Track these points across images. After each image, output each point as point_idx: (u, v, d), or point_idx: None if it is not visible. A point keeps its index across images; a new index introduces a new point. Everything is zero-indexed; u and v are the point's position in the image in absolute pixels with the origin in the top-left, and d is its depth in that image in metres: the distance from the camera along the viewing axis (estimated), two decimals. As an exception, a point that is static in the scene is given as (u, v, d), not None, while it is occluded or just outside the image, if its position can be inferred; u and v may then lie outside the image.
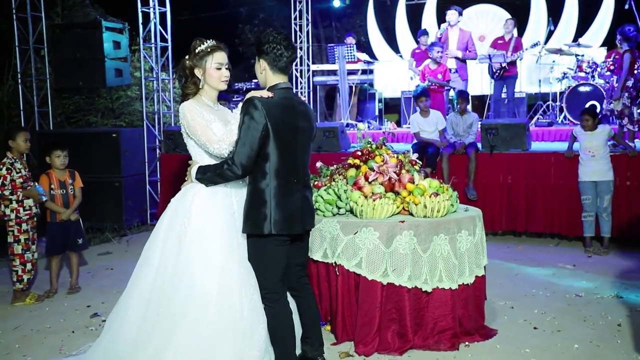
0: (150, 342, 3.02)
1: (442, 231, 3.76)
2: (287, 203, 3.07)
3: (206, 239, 3.07)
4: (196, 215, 3.10)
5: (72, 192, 5.25)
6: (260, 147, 2.99)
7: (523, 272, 5.65)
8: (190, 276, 3.03)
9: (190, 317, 2.99)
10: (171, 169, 8.34)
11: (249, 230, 3.08)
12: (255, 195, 3.06)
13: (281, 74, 3.15)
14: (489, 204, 6.88)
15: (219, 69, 3.17)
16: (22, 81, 8.85)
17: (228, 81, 3.23)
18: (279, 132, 3.01)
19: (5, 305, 5.00)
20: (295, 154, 3.13)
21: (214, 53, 3.15)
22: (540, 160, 6.81)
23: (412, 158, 4.28)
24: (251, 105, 2.98)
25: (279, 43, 3.08)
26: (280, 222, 3.03)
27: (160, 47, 8.76)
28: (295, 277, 3.33)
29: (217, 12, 15.72)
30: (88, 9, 8.45)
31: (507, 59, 9.08)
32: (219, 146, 3.04)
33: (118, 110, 10.65)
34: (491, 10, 12.45)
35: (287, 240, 3.13)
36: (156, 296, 3.09)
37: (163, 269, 3.11)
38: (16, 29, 8.63)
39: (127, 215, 8.16)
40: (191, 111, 3.13)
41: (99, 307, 4.86)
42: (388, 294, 3.72)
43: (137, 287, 3.19)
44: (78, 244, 5.32)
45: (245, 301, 3.04)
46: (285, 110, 3.08)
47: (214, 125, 3.12)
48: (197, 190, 3.16)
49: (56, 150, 5.21)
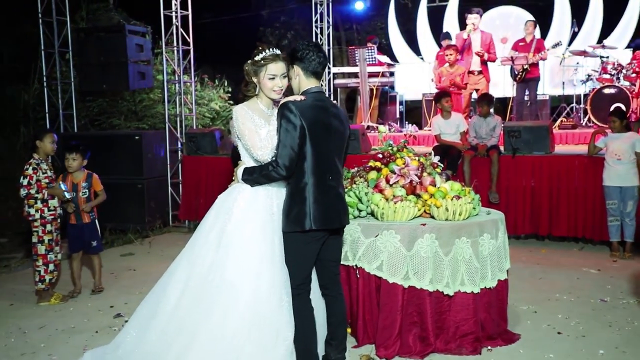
0: (182, 332, 3.15)
1: (464, 234, 3.73)
2: (324, 199, 3.17)
3: (244, 237, 3.18)
4: (237, 214, 3.23)
5: (84, 195, 5.25)
6: (300, 147, 3.11)
7: (546, 276, 5.58)
8: (222, 272, 3.15)
9: (217, 312, 3.09)
10: (193, 171, 8.40)
11: (290, 228, 3.17)
12: (295, 194, 3.17)
13: (314, 79, 3.28)
14: (512, 207, 6.82)
15: (272, 79, 3.26)
16: (47, 84, 8.99)
17: (282, 90, 3.31)
18: (313, 131, 3.14)
19: (30, 305, 5.08)
20: (330, 153, 3.24)
21: (269, 64, 3.24)
22: (564, 163, 6.73)
23: (434, 161, 4.25)
24: (286, 108, 3.11)
25: (311, 49, 3.23)
26: (319, 217, 3.14)
27: (182, 50, 8.83)
28: (329, 274, 3.39)
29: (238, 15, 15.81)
30: (112, 13, 8.58)
31: (529, 61, 8.99)
32: (262, 152, 3.17)
33: (141, 113, 10.76)
34: (513, 12, 12.34)
35: (324, 235, 3.22)
36: (191, 287, 3.23)
37: (201, 261, 3.25)
38: (42, 33, 8.76)
39: (149, 217, 8.24)
40: (242, 115, 3.26)
41: (122, 307, 4.91)
42: (409, 297, 3.70)
43: (174, 276, 3.34)
44: (92, 246, 5.35)
45: (274, 300, 3.11)
46: (318, 110, 3.20)
47: (263, 131, 3.23)
48: (240, 190, 3.29)
49: (66, 153, 5.27)
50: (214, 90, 12.15)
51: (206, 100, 11.71)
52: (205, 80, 12.11)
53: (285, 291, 3.15)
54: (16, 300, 5.25)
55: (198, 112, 9.39)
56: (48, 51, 8.88)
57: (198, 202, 8.24)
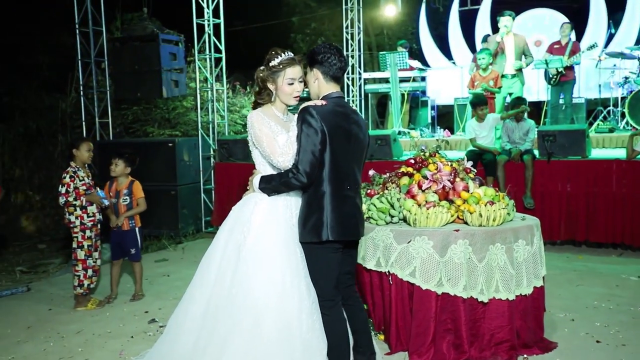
0: (207, 351, 3.05)
1: (499, 240, 3.68)
2: (341, 209, 3.08)
3: (265, 250, 3.07)
4: (256, 225, 3.11)
5: (124, 202, 5.32)
6: (321, 152, 3.01)
7: (584, 283, 5.46)
8: (247, 287, 3.04)
9: (245, 327, 3.00)
10: (225, 177, 8.48)
11: (307, 238, 3.08)
12: (313, 202, 3.07)
13: (334, 83, 3.18)
14: (547, 213, 6.70)
15: (291, 84, 3.17)
16: (84, 93, 9.18)
17: (300, 95, 3.22)
18: (334, 138, 3.04)
19: (68, 310, 5.18)
20: (349, 161, 3.13)
21: (287, 69, 3.14)
22: (601, 167, 6.58)
23: (467, 166, 4.20)
24: (307, 113, 3.02)
25: (332, 53, 3.12)
26: (336, 228, 3.04)
27: (215, 57, 8.93)
28: (344, 285, 3.30)
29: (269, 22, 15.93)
30: (146, 23, 8.70)
31: (564, 64, 8.84)
32: (283, 159, 3.06)
33: (174, 120, 10.91)
34: (547, 14, 12.17)
35: (340, 247, 3.13)
36: (213, 305, 3.12)
37: (221, 278, 3.13)
38: (79, 43, 8.97)
39: (183, 223, 8.34)
40: (259, 121, 3.15)
41: (156, 312, 4.97)
42: (443, 304, 3.66)
43: (194, 296, 3.22)
44: (131, 253, 5.41)
45: (304, 317, 3.01)
46: (339, 116, 3.10)
47: (280, 138, 3.13)
48: (257, 200, 3.17)
49: (112, 159, 5.39)
50: (246, 97, 12.25)
51: (238, 107, 11.81)
52: (237, 87, 12.23)
53: (314, 304, 3.04)
54: (54, 305, 5.37)
55: (230, 118, 9.48)
56: (84, 61, 9.08)
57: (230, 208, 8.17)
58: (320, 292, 3.09)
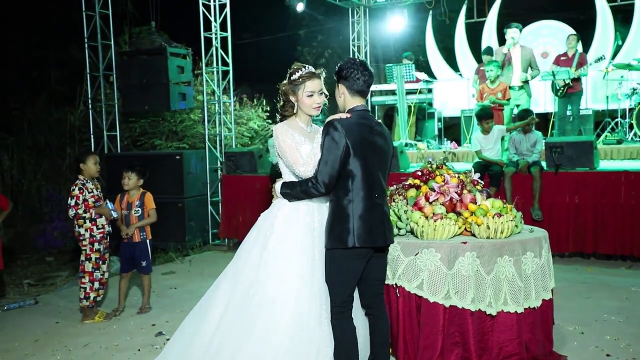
0: (224, 349, 3.19)
1: (506, 253, 3.66)
2: (369, 217, 3.16)
3: (284, 253, 3.23)
4: (278, 229, 3.28)
5: (136, 213, 5.34)
6: (342, 166, 3.12)
7: (593, 296, 5.41)
8: (263, 289, 3.19)
9: (258, 328, 3.12)
10: (232, 189, 8.49)
11: (333, 245, 3.16)
12: (338, 211, 3.17)
13: (359, 97, 3.29)
14: (555, 225, 6.66)
15: (311, 96, 3.32)
16: (92, 106, 9.24)
17: (321, 107, 3.37)
18: (358, 150, 3.14)
19: (75, 323, 5.18)
20: (375, 171, 3.23)
21: (306, 82, 3.30)
22: (610, 179, 6.55)
23: (474, 178, 4.19)
24: (331, 126, 3.14)
25: (356, 68, 3.24)
26: (363, 235, 3.12)
27: (222, 70, 8.97)
28: (373, 293, 3.35)
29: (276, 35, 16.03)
30: (154, 36, 8.76)
31: (572, 75, 8.83)
32: (304, 169, 3.21)
33: (181, 133, 10.96)
34: (553, 25, 12.17)
35: (367, 253, 3.19)
36: (232, 306, 3.27)
37: (244, 278, 3.30)
38: (87, 57, 9.05)
39: (190, 236, 8.34)
40: (283, 133, 3.31)
41: (164, 325, 4.96)
42: (451, 317, 3.64)
43: (215, 298, 3.39)
44: (142, 266, 5.41)
45: (313, 316, 3.14)
46: (363, 129, 3.20)
47: (303, 148, 3.28)
48: (280, 205, 3.34)
49: (123, 172, 5.41)
50: (253, 110, 12.30)
51: (245, 120, 11.86)
52: (244, 99, 12.28)
53: (325, 307, 3.16)
54: (61, 318, 5.37)
55: (237, 131, 9.51)
56: (93, 74, 9.15)
57: (237, 220, 8.32)
58: (334, 297, 3.18)
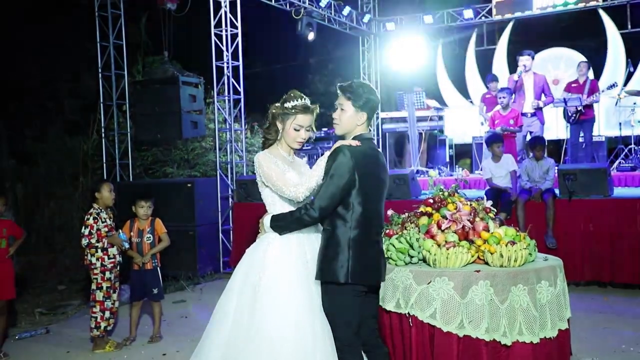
0: None
1: (521, 281, 3.59)
2: (365, 253, 3.06)
3: (281, 289, 3.05)
4: (270, 265, 3.10)
5: (148, 240, 5.34)
6: (343, 195, 3.00)
7: (611, 326, 5.30)
8: (264, 328, 3.01)
9: None
10: (243, 217, 8.48)
11: (325, 278, 3.04)
12: (334, 243, 3.04)
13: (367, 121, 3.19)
14: (570, 253, 6.55)
15: (297, 130, 3.22)
16: (105, 135, 9.33)
17: (303, 144, 3.27)
18: (365, 183, 3.03)
19: (86, 352, 5.15)
20: (376, 205, 3.14)
21: (298, 115, 3.20)
22: (625, 206, 6.47)
23: (486, 205, 4.15)
24: (341, 153, 3.01)
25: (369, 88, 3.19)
26: (358, 271, 3.01)
27: (233, 99, 9.04)
28: (368, 330, 3.25)
29: (287, 64, 16.18)
30: (167, 66, 8.87)
31: (583, 102, 8.81)
32: (295, 189, 3.08)
33: (193, 161, 11.02)
34: (565, 53, 12.22)
35: (362, 291, 3.09)
36: (232, 348, 3.07)
37: (239, 320, 3.10)
38: (101, 86, 9.18)
39: (201, 264, 8.32)
40: (266, 160, 3.20)
41: (174, 355, 4.92)
42: (465, 347, 3.56)
43: (213, 340, 3.16)
44: (153, 293, 5.38)
45: (319, 356, 2.97)
46: (371, 160, 3.11)
47: (288, 175, 3.17)
48: (270, 240, 3.17)
49: (140, 200, 5.39)
50: (264, 138, 12.35)
51: (256, 148, 11.91)
52: (255, 127, 12.36)
53: (330, 343, 3.01)
54: (72, 347, 5.34)
55: (248, 159, 9.56)
56: (106, 104, 9.26)
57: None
58: (340, 336, 3.05)
